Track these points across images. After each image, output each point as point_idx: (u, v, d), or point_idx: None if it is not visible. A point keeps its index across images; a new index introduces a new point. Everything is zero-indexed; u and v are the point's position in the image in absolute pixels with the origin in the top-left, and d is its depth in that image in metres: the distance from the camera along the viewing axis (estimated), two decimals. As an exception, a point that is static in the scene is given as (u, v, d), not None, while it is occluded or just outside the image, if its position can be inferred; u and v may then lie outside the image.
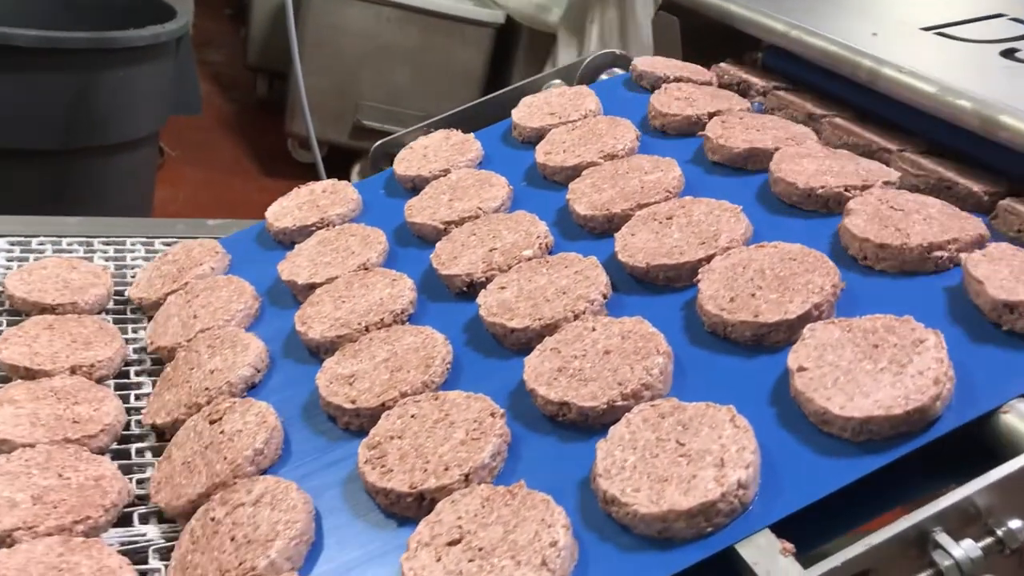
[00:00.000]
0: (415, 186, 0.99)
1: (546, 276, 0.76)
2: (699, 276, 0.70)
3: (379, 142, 1.12)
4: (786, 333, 0.64)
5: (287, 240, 0.96)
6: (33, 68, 1.61)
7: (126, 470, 0.71)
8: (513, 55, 2.93)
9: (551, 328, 0.71)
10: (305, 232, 0.94)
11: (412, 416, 0.66)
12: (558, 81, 1.13)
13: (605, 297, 0.73)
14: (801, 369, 0.60)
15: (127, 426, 0.77)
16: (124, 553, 0.63)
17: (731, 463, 0.54)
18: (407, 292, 0.80)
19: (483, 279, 0.79)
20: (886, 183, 0.76)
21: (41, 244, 1.01)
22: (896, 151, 0.83)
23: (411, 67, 2.74)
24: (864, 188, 0.75)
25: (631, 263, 0.75)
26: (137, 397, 0.80)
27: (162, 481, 0.68)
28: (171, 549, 0.63)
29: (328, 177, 1.05)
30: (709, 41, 1.10)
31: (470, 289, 0.80)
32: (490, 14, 2.76)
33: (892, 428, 0.55)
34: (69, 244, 1.02)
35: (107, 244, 1.04)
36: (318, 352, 0.78)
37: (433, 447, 0.62)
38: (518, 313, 0.73)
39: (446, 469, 0.60)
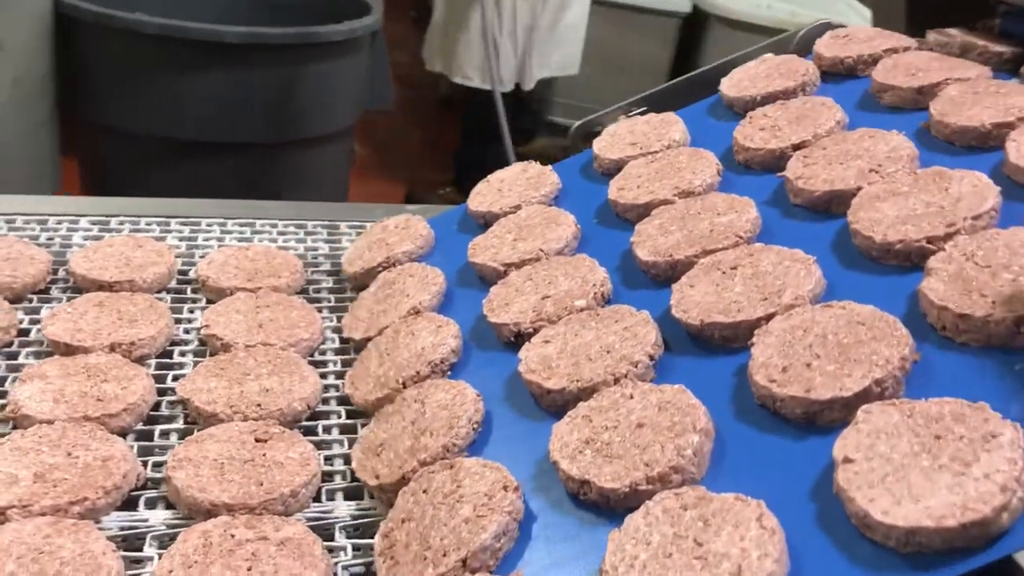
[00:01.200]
0: (486, 222, 0.95)
1: (594, 331, 0.70)
2: (753, 339, 0.63)
3: (578, 122, 1.08)
4: (841, 412, 0.57)
5: (359, 285, 0.94)
6: (241, 64, 1.67)
7: (146, 452, 0.70)
8: (699, 46, 2.88)
9: (588, 391, 0.65)
10: (372, 275, 0.92)
11: (424, 491, 0.62)
12: (770, 55, 1.02)
13: (652, 359, 0.67)
14: (847, 460, 0.52)
15: (157, 407, 0.75)
16: (123, 538, 0.61)
17: (748, 573, 0.48)
18: (450, 340, 0.76)
19: (531, 329, 0.75)
20: (974, 218, 0.66)
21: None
22: None
23: (596, 60, 2.71)
24: (948, 236, 0.66)
25: (685, 319, 0.68)
26: (175, 378, 0.78)
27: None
28: (173, 537, 0.60)
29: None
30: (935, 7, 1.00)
31: (517, 339, 0.75)
32: (675, 3, 2.70)
33: (944, 543, 0.47)
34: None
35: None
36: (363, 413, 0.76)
37: (438, 528, 0.58)
38: (557, 372, 0.68)
39: (444, 555, 0.56)
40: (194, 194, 1.11)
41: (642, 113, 1.03)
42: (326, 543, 0.61)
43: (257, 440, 0.68)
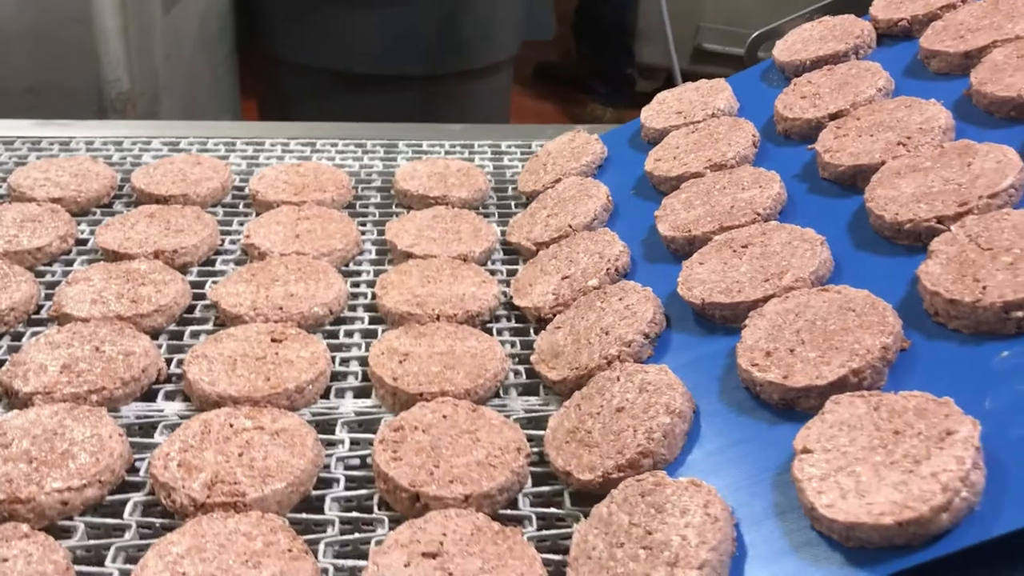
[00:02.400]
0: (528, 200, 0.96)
1: (597, 311, 0.71)
2: (745, 321, 0.63)
3: (756, 32, 1.06)
4: (817, 400, 0.56)
5: (407, 203, 0.98)
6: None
7: (175, 350, 0.74)
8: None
9: (585, 378, 0.67)
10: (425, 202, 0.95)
11: (444, 416, 0.64)
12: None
13: (647, 337, 0.68)
14: (805, 451, 0.52)
15: (191, 310, 0.80)
16: (139, 427, 0.66)
17: (683, 562, 0.49)
18: (490, 298, 0.78)
19: (550, 315, 0.76)
20: (990, 197, 0.63)
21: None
22: None
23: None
24: (958, 216, 0.63)
25: (687, 297, 0.68)
26: (214, 283, 0.82)
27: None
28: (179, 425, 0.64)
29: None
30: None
31: (541, 324, 0.77)
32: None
33: (883, 539, 0.47)
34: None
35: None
36: (384, 320, 0.78)
37: (449, 455, 0.60)
38: (560, 361, 0.69)
39: (451, 482, 0.58)
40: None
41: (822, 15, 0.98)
42: (326, 436, 0.65)
43: (273, 340, 0.72)
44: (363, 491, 0.61)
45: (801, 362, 0.58)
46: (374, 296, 0.80)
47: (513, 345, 0.76)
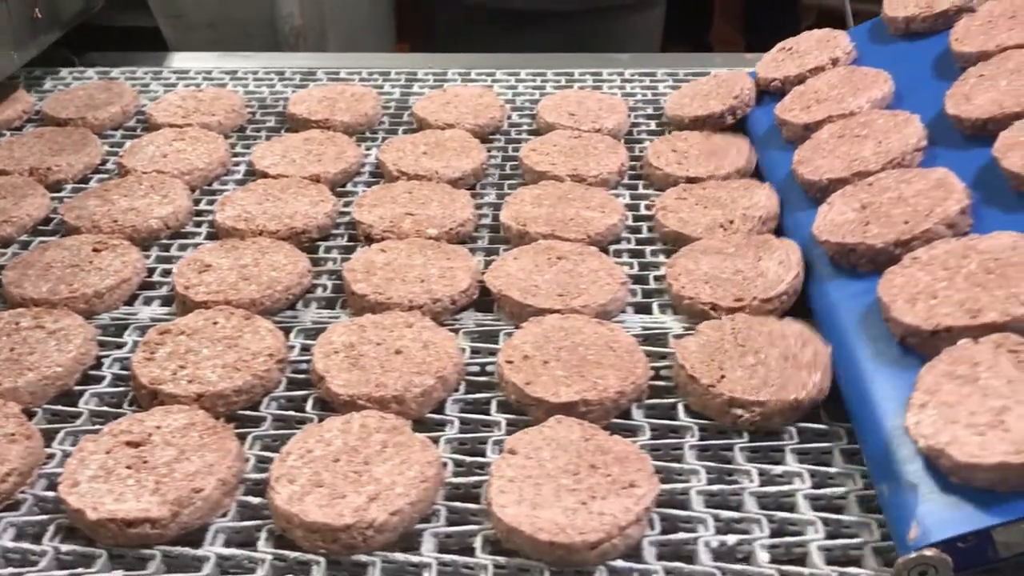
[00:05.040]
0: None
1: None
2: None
3: None
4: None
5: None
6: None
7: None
8: None
9: None
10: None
11: (214, 323, 0.66)
12: None
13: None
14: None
15: (47, 222, 0.83)
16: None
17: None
18: (320, 216, 0.81)
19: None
20: (764, 300, 0.67)
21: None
22: None
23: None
24: (733, 310, 0.67)
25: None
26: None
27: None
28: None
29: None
30: None
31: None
32: None
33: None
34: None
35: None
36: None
37: (200, 358, 0.63)
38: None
39: (189, 382, 0.61)
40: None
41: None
42: (113, 339, 0.68)
43: (94, 250, 0.75)
44: (122, 388, 0.64)
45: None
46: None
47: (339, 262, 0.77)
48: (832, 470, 0.56)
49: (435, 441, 0.57)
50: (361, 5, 1.77)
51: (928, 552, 0.46)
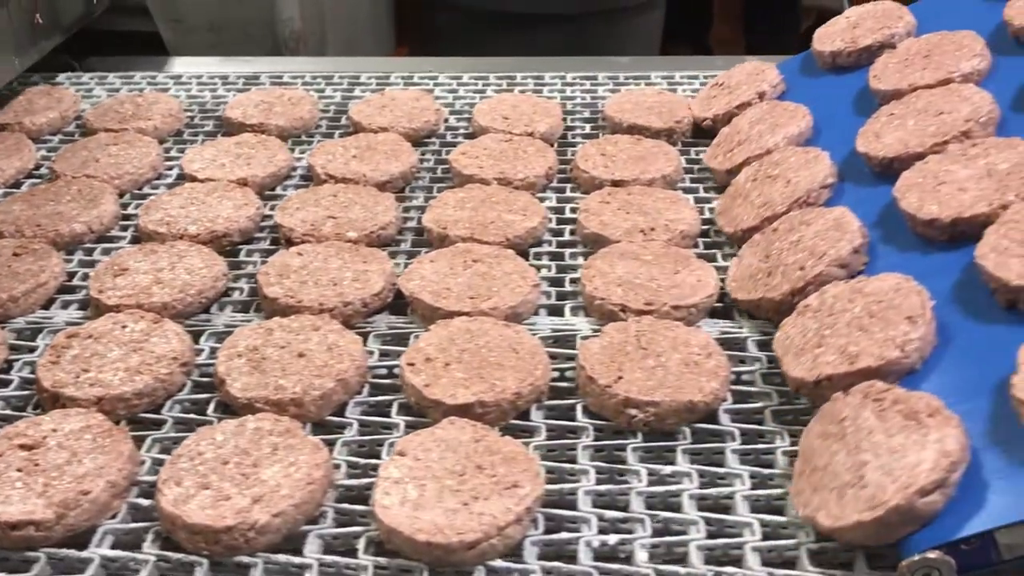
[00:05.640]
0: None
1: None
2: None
3: None
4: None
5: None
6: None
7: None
8: None
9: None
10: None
11: (124, 327, 0.67)
12: None
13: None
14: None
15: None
16: None
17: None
18: (243, 221, 0.81)
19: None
20: (674, 307, 0.68)
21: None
22: None
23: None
24: (641, 312, 0.68)
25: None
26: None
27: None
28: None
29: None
30: None
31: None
32: None
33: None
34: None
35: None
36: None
37: (106, 362, 0.63)
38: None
39: (91, 385, 0.61)
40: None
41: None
42: (28, 343, 0.69)
43: (14, 254, 0.75)
44: (28, 392, 0.64)
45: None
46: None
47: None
48: (722, 470, 0.56)
49: (332, 444, 0.58)
50: (361, 9, 1.78)
51: (931, 554, 0.46)
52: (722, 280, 0.72)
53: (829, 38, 0.94)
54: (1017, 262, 0.56)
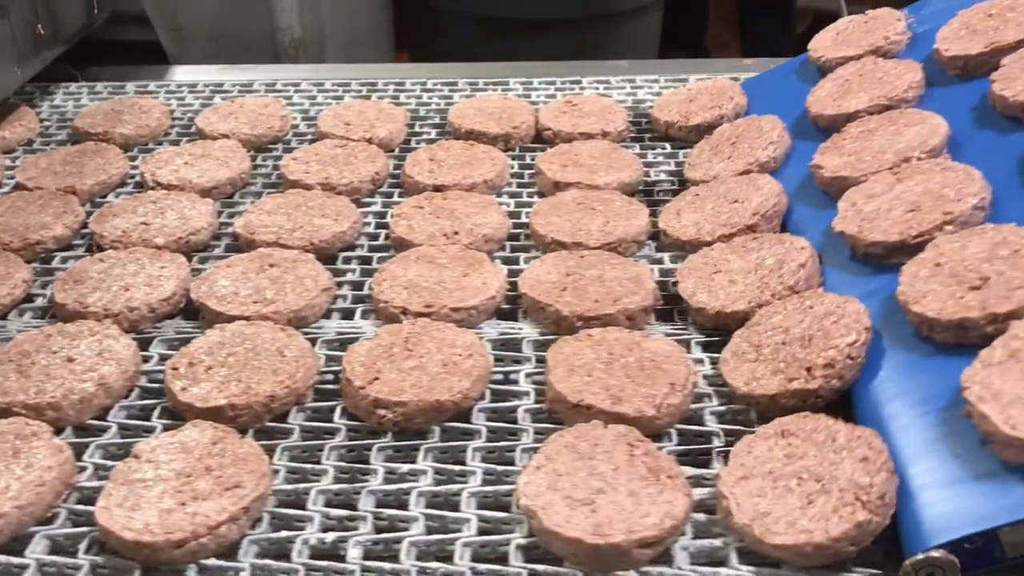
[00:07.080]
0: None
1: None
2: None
3: None
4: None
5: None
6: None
7: None
8: None
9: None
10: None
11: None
12: None
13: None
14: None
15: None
16: None
17: None
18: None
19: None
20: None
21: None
22: None
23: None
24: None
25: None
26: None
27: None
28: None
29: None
30: None
31: None
32: None
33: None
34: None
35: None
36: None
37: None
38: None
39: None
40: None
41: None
42: None
43: None
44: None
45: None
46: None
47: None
48: (458, 468, 0.58)
49: (86, 446, 0.59)
50: (360, 15, 1.79)
51: (935, 553, 0.46)
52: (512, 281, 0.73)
53: (668, 106, 0.99)
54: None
